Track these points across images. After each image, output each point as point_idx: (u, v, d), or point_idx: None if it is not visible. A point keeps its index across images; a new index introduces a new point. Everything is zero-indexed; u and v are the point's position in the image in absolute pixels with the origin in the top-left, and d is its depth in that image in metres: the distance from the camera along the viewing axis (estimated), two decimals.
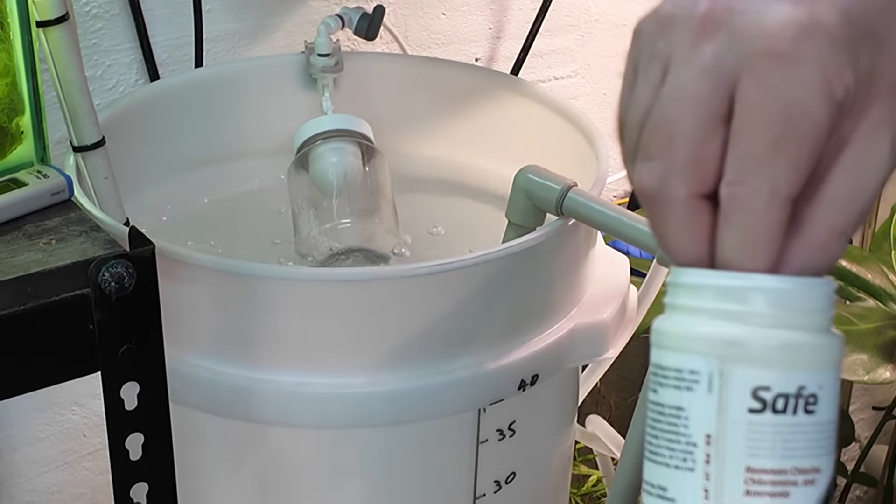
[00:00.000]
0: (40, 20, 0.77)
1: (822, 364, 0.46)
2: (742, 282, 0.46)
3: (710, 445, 0.45)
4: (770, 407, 0.45)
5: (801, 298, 0.46)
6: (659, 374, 0.47)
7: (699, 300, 0.46)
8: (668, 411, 0.46)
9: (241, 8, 1.18)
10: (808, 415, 0.45)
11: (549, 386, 0.89)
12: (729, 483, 0.45)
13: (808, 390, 0.45)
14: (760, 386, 0.45)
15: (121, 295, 0.66)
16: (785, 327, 0.45)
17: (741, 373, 0.45)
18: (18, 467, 1.21)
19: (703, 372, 0.45)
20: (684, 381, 0.46)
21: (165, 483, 0.71)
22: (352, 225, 1.01)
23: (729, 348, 0.45)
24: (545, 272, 0.86)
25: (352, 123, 1.05)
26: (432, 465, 0.89)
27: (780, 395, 0.45)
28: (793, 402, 0.45)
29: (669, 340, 0.47)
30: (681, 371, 0.46)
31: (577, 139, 1.00)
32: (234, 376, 0.83)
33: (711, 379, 0.45)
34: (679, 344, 0.46)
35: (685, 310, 0.47)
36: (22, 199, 0.73)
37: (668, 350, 0.47)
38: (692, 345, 0.46)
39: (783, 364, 0.45)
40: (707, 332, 0.46)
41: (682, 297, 0.47)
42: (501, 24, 1.36)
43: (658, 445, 0.47)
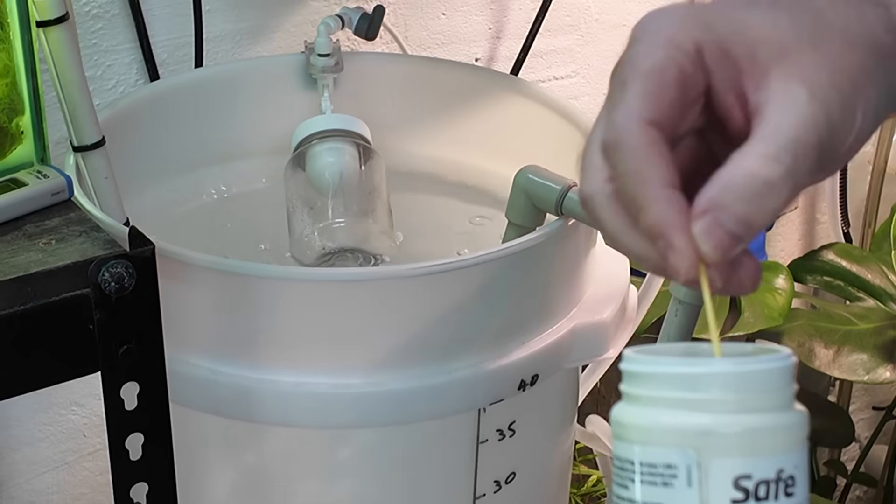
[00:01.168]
0: (40, 20, 0.77)
1: (796, 444, 0.45)
2: (703, 368, 0.45)
3: None
4: (753, 496, 0.44)
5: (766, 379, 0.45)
6: (628, 469, 0.45)
7: (661, 390, 0.45)
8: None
9: (241, 8, 1.18)
10: (788, 497, 0.44)
11: (549, 386, 0.89)
12: None
13: (786, 472, 0.44)
14: (741, 475, 0.44)
15: (121, 295, 0.66)
16: (755, 411, 0.44)
17: (720, 463, 0.44)
18: (18, 467, 1.21)
19: (680, 466, 0.44)
20: (660, 475, 0.44)
21: (165, 483, 0.71)
22: (346, 225, 1.01)
23: (704, 438, 0.44)
24: (545, 272, 0.86)
25: (349, 123, 1.04)
26: (432, 465, 0.89)
27: (761, 482, 0.44)
28: (774, 487, 0.44)
29: (637, 434, 0.45)
30: (654, 466, 0.44)
31: (577, 139, 1.00)
32: (234, 376, 0.83)
33: (690, 472, 0.44)
34: (649, 437, 0.45)
35: (646, 400, 0.45)
36: (22, 199, 0.73)
37: (637, 444, 0.45)
38: (664, 438, 0.44)
39: (760, 450, 0.44)
40: (677, 423, 0.44)
41: (643, 388, 0.45)
42: (501, 24, 1.36)
43: None
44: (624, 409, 0.46)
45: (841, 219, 1.68)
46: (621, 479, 0.46)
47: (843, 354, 1.35)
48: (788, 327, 1.37)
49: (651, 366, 0.45)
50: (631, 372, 0.46)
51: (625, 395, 0.46)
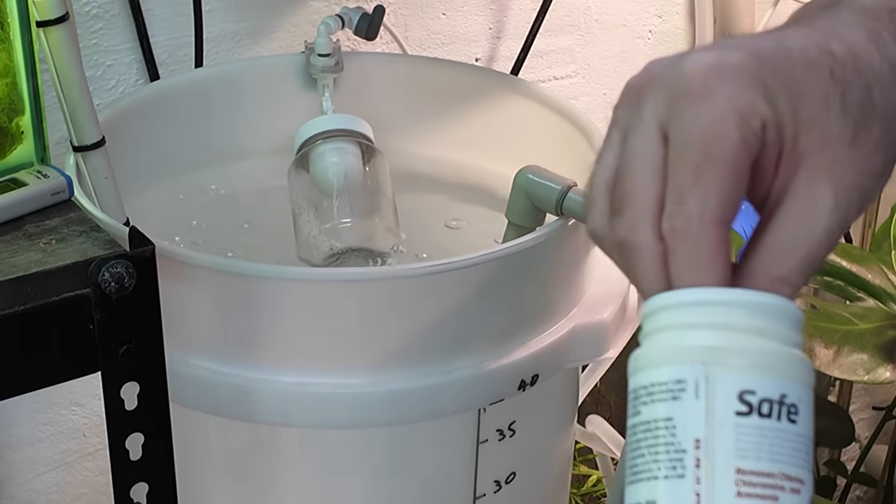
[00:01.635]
0: (40, 20, 0.77)
1: (801, 377, 0.47)
2: (719, 295, 0.47)
3: (699, 449, 0.45)
4: (756, 410, 0.45)
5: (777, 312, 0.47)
6: (641, 395, 0.47)
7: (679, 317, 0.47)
8: (654, 425, 0.46)
9: (241, 8, 1.18)
10: (791, 423, 0.46)
11: (549, 386, 0.89)
12: (720, 485, 0.45)
13: (789, 399, 0.46)
14: (746, 389, 0.45)
15: (121, 295, 0.66)
16: (764, 336, 0.46)
17: (727, 377, 0.46)
18: (18, 467, 1.21)
19: (689, 379, 0.46)
20: (671, 391, 0.46)
21: (165, 483, 0.71)
22: (352, 224, 1.01)
23: (713, 354, 0.46)
24: (545, 272, 0.86)
25: (352, 123, 1.04)
26: (432, 465, 0.89)
27: (764, 400, 0.45)
28: (776, 408, 0.46)
29: (651, 358, 0.47)
30: (666, 383, 0.46)
31: (577, 139, 1.00)
32: (234, 376, 0.83)
33: (698, 385, 0.46)
34: (662, 358, 0.47)
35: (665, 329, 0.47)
36: (22, 199, 0.73)
37: (651, 367, 0.47)
38: (676, 356, 0.46)
39: (766, 370, 0.46)
40: (690, 342, 0.46)
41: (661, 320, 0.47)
42: (501, 24, 1.36)
43: (644, 462, 0.47)
44: (641, 348, 0.48)
45: None
46: (634, 409, 0.48)
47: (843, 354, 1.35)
48: None
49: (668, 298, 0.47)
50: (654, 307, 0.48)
51: (642, 336, 0.48)
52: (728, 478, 0.45)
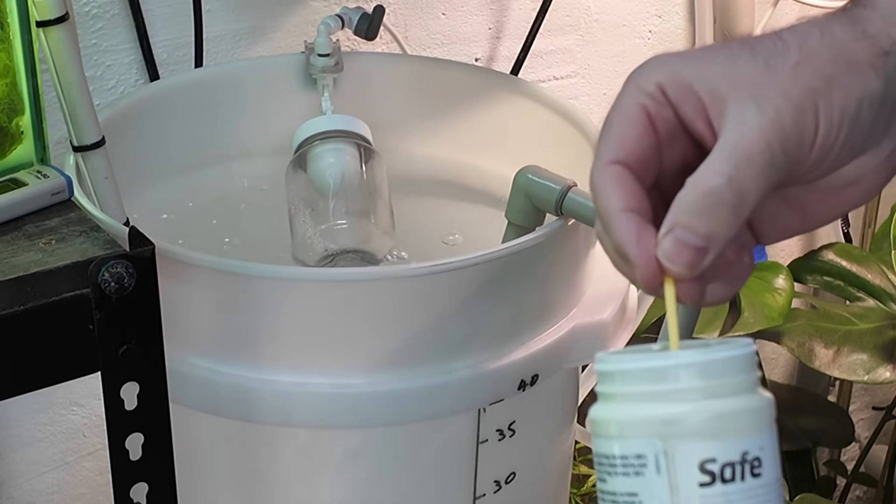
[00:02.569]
0: (40, 20, 0.77)
1: (759, 426, 0.47)
2: (668, 361, 0.47)
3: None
4: (719, 478, 0.46)
5: (727, 366, 0.47)
6: (605, 464, 0.47)
7: (630, 385, 0.47)
8: (621, 499, 0.47)
9: (241, 8, 1.18)
10: (755, 478, 0.46)
11: (549, 386, 0.89)
12: None
13: (751, 454, 0.46)
14: (706, 459, 0.46)
15: (121, 295, 0.66)
16: (717, 397, 0.46)
17: (685, 449, 0.46)
18: (18, 467, 1.21)
19: (648, 455, 0.46)
20: (632, 466, 0.46)
21: (165, 483, 0.71)
22: (348, 226, 1.01)
23: (669, 427, 0.46)
24: (545, 272, 0.86)
25: (350, 124, 1.04)
26: (432, 465, 0.89)
27: (726, 465, 0.46)
28: (739, 469, 0.46)
29: (609, 429, 0.47)
30: (626, 458, 0.46)
31: (577, 139, 1.00)
32: (234, 376, 0.83)
33: (658, 460, 0.46)
34: (620, 431, 0.47)
35: (618, 397, 0.47)
36: (22, 199, 0.73)
37: (610, 438, 0.47)
38: (632, 430, 0.46)
39: (723, 434, 0.46)
40: (644, 415, 0.46)
41: (613, 385, 0.48)
42: (501, 24, 1.36)
43: None
44: (597, 407, 0.48)
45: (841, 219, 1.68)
46: (600, 474, 0.48)
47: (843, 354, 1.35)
48: (788, 327, 1.37)
49: (616, 364, 0.48)
50: (602, 371, 0.48)
51: (599, 394, 0.49)
52: None
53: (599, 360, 0.49)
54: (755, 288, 1.43)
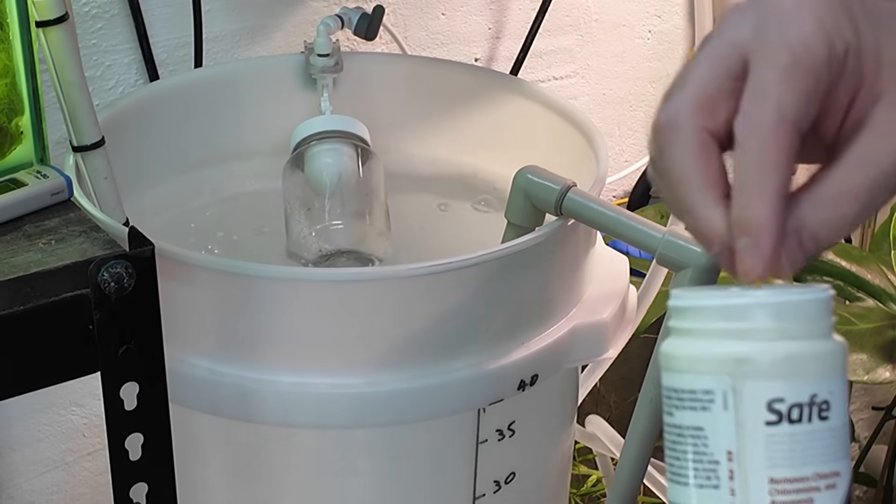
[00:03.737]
0: (40, 20, 0.77)
1: (830, 370, 0.47)
2: (744, 300, 0.47)
3: (731, 461, 0.46)
4: (786, 418, 0.46)
5: (802, 309, 0.47)
6: (672, 398, 0.48)
7: (704, 322, 0.47)
8: (687, 432, 0.47)
9: (241, 8, 1.18)
10: (822, 421, 0.46)
11: (548, 386, 0.89)
12: (754, 495, 0.46)
13: (819, 397, 0.46)
14: (774, 398, 0.46)
15: (120, 295, 0.66)
16: (790, 338, 0.47)
17: (754, 388, 0.46)
18: (18, 467, 1.21)
19: (716, 391, 0.46)
20: (699, 401, 0.47)
21: (165, 483, 0.71)
22: (343, 226, 1.01)
23: (739, 366, 0.46)
24: (545, 272, 0.86)
25: (348, 125, 1.04)
26: (432, 465, 0.89)
27: (794, 406, 0.46)
28: (807, 411, 0.46)
29: (679, 363, 0.48)
30: (695, 392, 0.47)
31: (576, 139, 1.00)
32: (234, 376, 0.83)
33: (726, 397, 0.46)
34: (690, 366, 0.47)
35: (691, 332, 0.48)
36: (21, 200, 0.73)
37: (679, 373, 0.48)
38: (703, 366, 0.47)
39: (793, 375, 0.46)
40: (716, 351, 0.47)
41: (687, 321, 0.48)
42: (501, 24, 1.36)
43: (680, 467, 0.48)
44: (670, 342, 0.48)
45: None
46: (667, 408, 0.49)
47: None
48: None
49: (690, 300, 0.48)
50: (677, 307, 0.49)
51: (671, 329, 0.49)
52: (762, 488, 0.46)
53: (674, 297, 0.49)
54: None
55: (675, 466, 0.48)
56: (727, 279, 0.58)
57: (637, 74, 1.51)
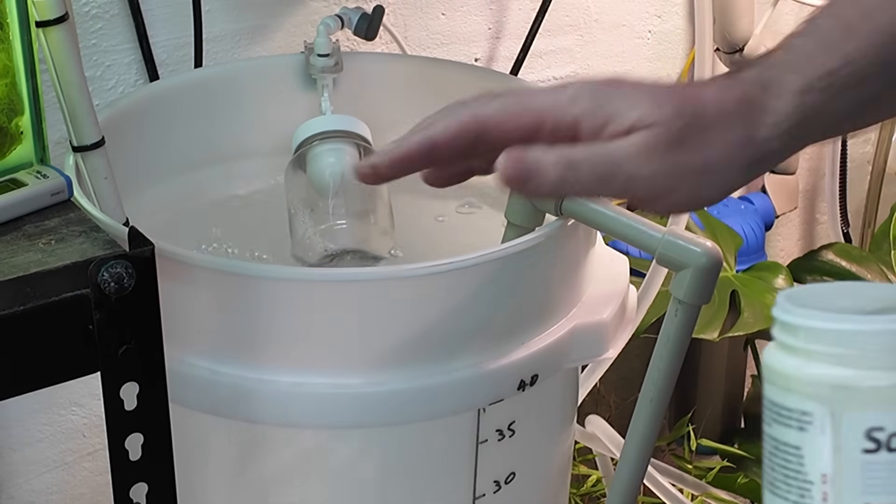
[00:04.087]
0: (40, 20, 0.77)
1: None
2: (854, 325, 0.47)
3: (826, 484, 0.46)
4: (885, 446, 0.46)
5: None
6: (772, 410, 0.48)
7: (809, 343, 0.47)
8: (783, 448, 0.47)
9: (241, 8, 1.18)
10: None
11: (548, 386, 0.89)
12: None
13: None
14: (874, 427, 0.46)
15: (120, 295, 0.66)
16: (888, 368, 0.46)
17: (854, 415, 0.46)
18: (18, 468, 1.21)
19: (816, 414, 0.46)
20: (798, 420, 0.47)
21: (165, 483, 0.71)
22: (347, 226, 1.01)
23: (841, 392, 0.46)
24: (545, 272, 0.86)
25: (350, 124, 1.04)
26: (432, 465, 0.89)
27: (893, 435, 0.46)
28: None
29: (781, 380, 0.48)
30: (792, 411, 0.47)
31: None
32: (234, 376, 0.83)
33: (824, 421, 0.46)
34: (790, 385, 0.47)
35: (795, 350, 0.48)
36: (21, 200, 0.73)
37: (780, 389, 0.48)
38: (804, 387, 0.47)
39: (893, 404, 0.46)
40: (818, 374, 0.47)
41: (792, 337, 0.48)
42: (501, 25, 1.36)
43: (775, 478, 0.48)
44: (773, 353, 0.48)
45: (840, 219, 1.68)
46: (767, 417, 0.49)
47: None
48: None
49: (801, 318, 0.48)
50: (784, 322, 0.49)
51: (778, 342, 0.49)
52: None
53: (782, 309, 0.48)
54: (755, 288, 1.43)
55: (770, 476, 0.48)
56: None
57: (637, 74, 1.51)
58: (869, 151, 1.76)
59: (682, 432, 1.44)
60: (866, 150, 1.78)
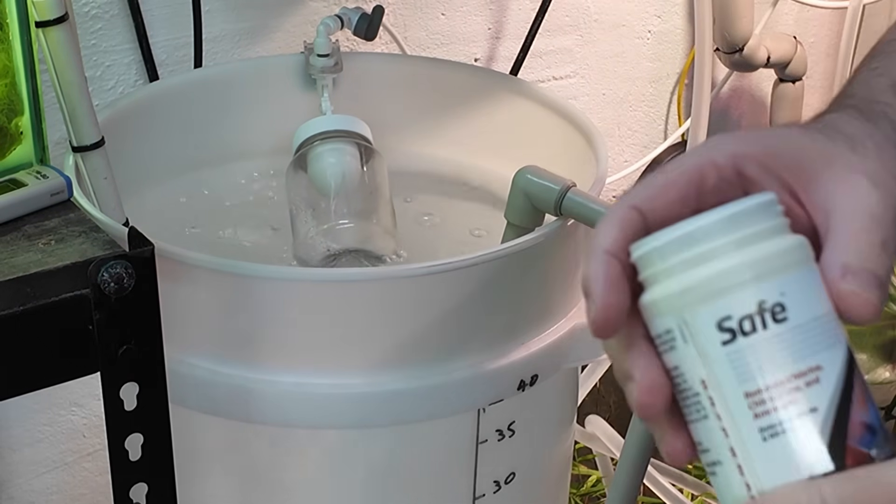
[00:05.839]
0: (40, 20, 0.77)
1: (774, 272, 0.46)
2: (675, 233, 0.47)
3: (708, 389, 0.46)
4: (739, 332, 0.46)
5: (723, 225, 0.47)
6: (657, 343, 0.49)
7: (652, 265, 0.48)
8: (673, 373, 0.48)
9: (241, 8, 1.18)
10: (779, 323, 0.46)
11: (548, 386, 0.89)
12: (737, 415, 0.46)
13: (768, 302, 0.46)
14: (722, 318, 0.46)
15: (120, 295, 0.66)
16: (721, 256, 0.46)
17: (701, 313, 0.46)
18: (18, 468, 1.21)
19: (673, 328, 0.47)
20: (668, 342, 0.47)
21: (165, 483, 0.71)
22: (349, 226, 1.01)
23: (683, 297, 0.47)
24: (544, 272, 0.86)
25: (350, 124, 1.04)
26: (432, 465, 0.89)
27: (743, 318, 0.46)
28: (759, 319, 0.46)
29: (646, 312, 0.48)
30: (662, 335, 0.48)
31: (576, 139, 1.00)
32: (234, 376, 0.83)
33: (682, 330, 0.47)
34: (651, 311, 0.48)
35: (648, 280, 0.48)
36: (21, 200, 0.73)
37: (649, 320, 0.48)
38: (658, 308, 0.47)
39: (734, 288, 0.46)
40: (662, 291, 0.47)
41: (644, 270, 0.48)
42: (501, 25, 1.36)
43: (682, 407, 0.48)
44: (642, 297, 0.49)
45: None
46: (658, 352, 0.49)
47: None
48: None
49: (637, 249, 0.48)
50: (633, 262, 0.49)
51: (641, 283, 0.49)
52: (741, 405, 0.46)
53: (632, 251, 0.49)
54: None
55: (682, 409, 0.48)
56: None
57: (637, 74, 1.51)
58: None
59: None
60: None
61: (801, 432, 0.45)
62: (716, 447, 0.46)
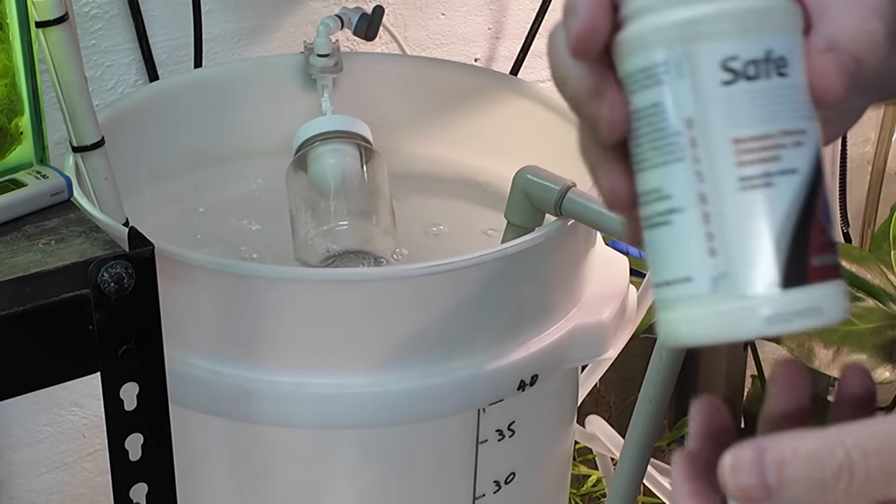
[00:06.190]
0: (40, 20, 0.77)
1: (784, 26, 0.45)
2: None
3: (692, 129, 0.45)
4: (742, 75, 0.44)
5: None
6: (629, 83, 0.46)
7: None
8: (644, 113, 0.46)
9: (241, 8, 1.18)
10: (781, 77, 0.45)
11: (548, 386, 0.89)
12: (719, 159, 0.44)
13: (776, 53, 0.45)
14: (728, 57, 0.44)
15: (120, 295, 0.66)
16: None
17: (706, 49, 0.45)
18: (18, 468, 1.21)
19: (670, 61, 0.45)
20: (654, 76, 0.45)
21: (165, 483, 0.71)
22: (349, 226, 1.01)
23: (690, 28, 0.45)
24: (544, 272, 0.86)
25: (350, 125, 1.04)
26: (432, 465, 0.89)
27: (749, 62, 0.44)
28: (764, 67, 0.45)
29: (631, 45, 0.46)
30: (648, 68, 0.45)
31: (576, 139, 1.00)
32: (234, 376, 0.83)
33: (680, 63, 0.45)
34: (641, 43, 0.46)
35: (640, 12, 0.46)
36: (21, 200, 0.73)
37: (632, 54, 0.46)
38: (654, 38, 0.45)
39: (745, 31, 0.45)
40: (665, 21, 0.45)
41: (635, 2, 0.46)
42: (501, 25, 1.36)
43: (643, 152, 0.46)
44: (621, 32, 0.46)
45: (840, 219, 1.68)
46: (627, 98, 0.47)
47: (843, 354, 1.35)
48: None
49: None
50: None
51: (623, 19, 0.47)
52: (726, 150, 0.44)
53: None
54: None
55: (638, 156, 0.46)
56: None
57: None
58: (869, 151, 1.76)
59: (682, 432, 1.45)
60: (866, 151, 1.78)
61: (781, 188, 0.44)
62: (682, 192, 0.45)
